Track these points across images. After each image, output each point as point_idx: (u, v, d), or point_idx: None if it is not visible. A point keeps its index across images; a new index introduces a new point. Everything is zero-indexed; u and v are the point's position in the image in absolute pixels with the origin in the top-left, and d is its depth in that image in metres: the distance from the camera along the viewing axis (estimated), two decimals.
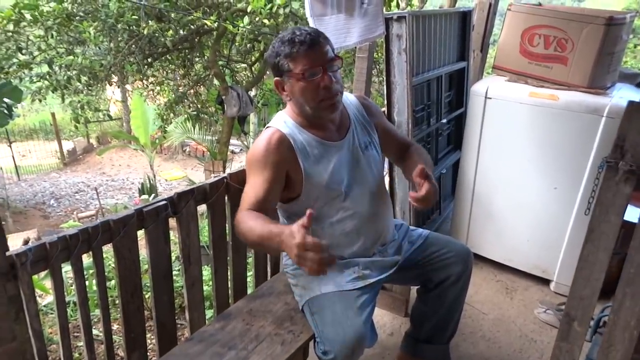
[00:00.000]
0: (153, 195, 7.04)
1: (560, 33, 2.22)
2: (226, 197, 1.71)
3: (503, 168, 2.46)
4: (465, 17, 3.00)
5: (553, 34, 2.24)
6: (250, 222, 1.32)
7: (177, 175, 10.94)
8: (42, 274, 1.88)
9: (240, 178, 1.67)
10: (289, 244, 1.13)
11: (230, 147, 8.70)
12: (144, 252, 1.57)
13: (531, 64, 2.36)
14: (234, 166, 9.16)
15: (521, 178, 2.41)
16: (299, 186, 1.46)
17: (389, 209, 1.69)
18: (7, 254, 1.11)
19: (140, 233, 1.48)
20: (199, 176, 9.63)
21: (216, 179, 1.66)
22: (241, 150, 11.63)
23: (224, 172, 7.07)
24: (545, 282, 2.53)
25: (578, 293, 1.36)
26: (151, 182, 8.06)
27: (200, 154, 11.32)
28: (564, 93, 2.21)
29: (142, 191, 7.80)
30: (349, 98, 1.63)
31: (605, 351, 1.31)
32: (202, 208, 1.71)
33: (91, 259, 1.39)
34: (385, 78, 2.28)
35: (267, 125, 1.52)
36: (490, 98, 2.39)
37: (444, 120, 2.96)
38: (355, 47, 1.95)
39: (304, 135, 1.47)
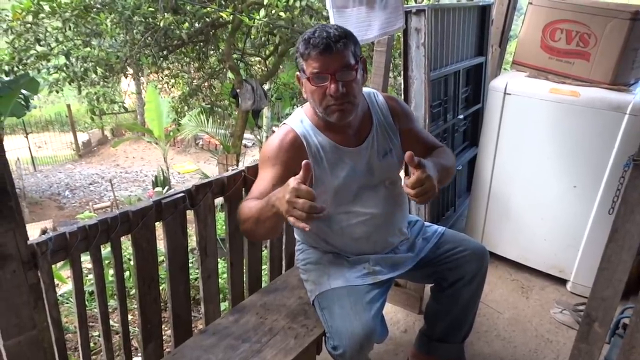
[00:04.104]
0: (167, 187, 7.09)
1: (583, 28, 2.17)
2: (243, 191, 1.71)
3: (521, 165, 2.43)
4: (484, 11, 2.95)
5: (575, 28, 2.20)
6: (250, 204, 1.30)
7: (190, 169, 11.02)
8: (59, 264, 1.91)
9: (257, 172, 1.66)
10: (282, 194, 1.10)
11: (243, 141, 8.71)
12: (159, 244, 1.58)
13: (552, 60, 2.31)
14: (247, 160, 9.19)
15: (540, 176, 2.37)
16: None
17: (403, 213, 1.64)
18: (29, 242, 1.12)
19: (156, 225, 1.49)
20: (212, 169, 9.68)
21: (234, 172, 1.66)
22: (254, 144, 11.66)
23: (237, 165, 7.10)
24: (562, 282, 2.49)
25: (599, 294, 1.33)
26: (165, 174, 8.13)
27: (213, 148, 11.38)
28: (585, 89, 2.17)
29: (155, 183, 7.86)
30: (377, 98, 1.55)
31: (627, 353, 1.28)
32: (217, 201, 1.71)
33: (108, 250, 1.40)
34: (402, 72, 2.26)
35: (283, 122, 1.50)
36: (509, 94, 2.35)
37: (461, 116, 2.92)
38: (373, 41, 1.93)
39: (319, 138, 1.44)
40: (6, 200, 1.04)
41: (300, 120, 1.46)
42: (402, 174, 1.64)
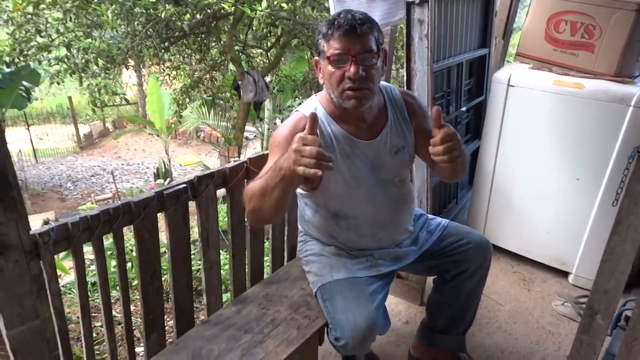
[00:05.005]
0: (168, 179, 7.09)
1: (588, 19, 2.15)
2: (246, 182, 1.70)
3: (524, 158, 2.42)
4: (488, 2, 2.93)
5: (580, 20, 2.18)
6: (255, 181, 1.27)
7: (191, 161, 11.01)
8: (62, 254, 1.91)
9: (260, 163, 1.66)
10: (288, 153, 1.11)
11: (245, 134, 8.70)
12: (161, 235, 1.58)
13: (556, 51, 2.30)
14: (248, 152, 9.18)
15: (542, 168, 2.37)
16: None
17: (410, 212, 1.62)
18: (31, 233, 1.12)
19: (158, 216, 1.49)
20: (213, 162, 9.68)
21: (236, 163, 1.66)
22: (255, 136, 11.64)
23: (239, 158, 7.09)
24: (564, 274, 2.49)
25: (602, 286, 1.33)
26: (166, 166, 8.13)
27: (215, 140, 11.36)
28: (589, 81, 2.15)
29: (157, 175, 7.87)
30: (393, 93, 1.52)
31: (629, 345, 1.29)
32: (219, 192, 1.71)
33: (110, 241, 1.40)
34: (405, 64, 2.24)
35: (296, 109, 1.47)
36: (512, 86, 2.34)
37: (464, 109, 2.91)
38: None
39: (333, 127, 1.40)
40: (8, 191, 1.04)
41: (314, 108, 1.42)
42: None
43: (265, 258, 2.00)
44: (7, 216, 1.05)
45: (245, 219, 1.76)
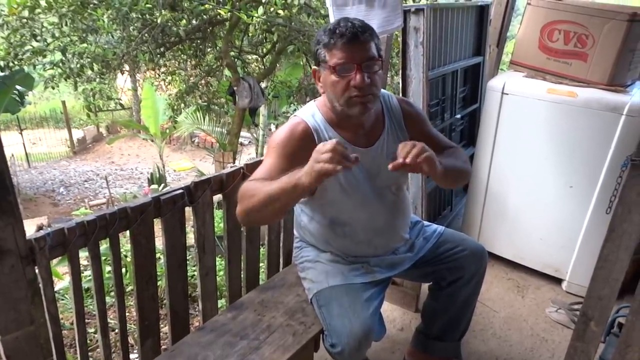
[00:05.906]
0: (162, 185, 7.06)
1: (581, 29, 2.18)
2: None
3: (518, 165, 2.44)
4: (482, 11, 2.97)
5: (573, 29, 2.21)
6: (257, 184, 1.23)
7: (185, 166, 10.97)
8: (55, 260, 1.90)
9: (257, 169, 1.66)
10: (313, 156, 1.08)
11: (239, 139, 8.69)
12: (157, 241, 1.57)
13: (550, 60, 2.32)
14: (243, 158, 9.16)
15: (536, 176, 2.39)
16: None
17: (406, 220, 1.63)
18: (27, 238, 1.11)
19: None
20: (208, 167, 9.65)
21: (233, 169, 1.66)
22: (250, 142, 11.62)
23: (234, 163, 7.08)
24: (557, 281, 2.51)
25: (596, 293, 1.34)
26: (160, 172, 8.09)
27: (209, 145, 11.34)
28: (582, 90, 2.18)
29: (151, 181, 7.83)
30: (391, 101, 1.53)
31: (622, 352, 1.29)
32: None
33: (104, 246, 1.39)
34: (401, 71, 2.26)
35: (294, 114, 1.48)
36: (507, 94, 2.36)
37: (458, 116, 2.93)
38: None
39: (331, 134, 1.41)
40: (5, 195, 1.04)
41: (312, 114, 1.43)
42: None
43: (261, 264, 2.00)
44: (3, 221, 1.04)
45: (241, 225, 1.76)
